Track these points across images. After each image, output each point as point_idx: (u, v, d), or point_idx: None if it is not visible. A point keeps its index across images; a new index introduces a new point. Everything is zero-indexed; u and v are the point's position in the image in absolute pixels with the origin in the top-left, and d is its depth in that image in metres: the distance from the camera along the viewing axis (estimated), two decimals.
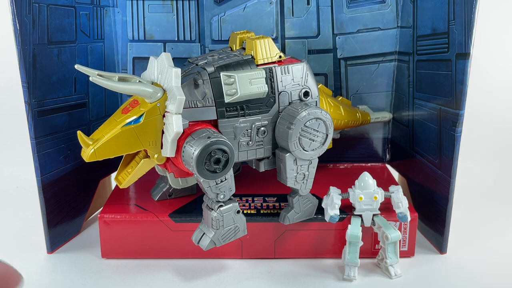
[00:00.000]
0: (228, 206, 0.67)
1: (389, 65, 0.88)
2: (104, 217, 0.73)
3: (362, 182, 0.72)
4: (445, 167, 0.74)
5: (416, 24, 0.81)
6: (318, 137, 0.68)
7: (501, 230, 0.84)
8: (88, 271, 0.72)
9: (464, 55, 0.69)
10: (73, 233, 0.81)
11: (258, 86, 0.66)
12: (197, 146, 0.61)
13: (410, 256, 0.76)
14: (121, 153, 0.65)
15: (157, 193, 0.78)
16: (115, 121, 0.64)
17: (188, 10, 0.86)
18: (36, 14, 0.69)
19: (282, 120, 0.68)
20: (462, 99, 0.69)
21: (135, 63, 0.88)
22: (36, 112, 0.71)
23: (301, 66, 0.70)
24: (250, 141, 0.69)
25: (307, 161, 0.70)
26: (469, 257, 0.75)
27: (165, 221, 0.73)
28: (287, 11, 0.87)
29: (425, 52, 0.79)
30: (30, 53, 0.69)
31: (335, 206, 0.70)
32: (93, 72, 0.61)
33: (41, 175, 0.72)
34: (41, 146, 0.72)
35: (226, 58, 0.69)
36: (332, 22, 0.87)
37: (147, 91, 0.63)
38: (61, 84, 0.75)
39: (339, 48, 0.88)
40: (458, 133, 0.71)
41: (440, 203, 0.76)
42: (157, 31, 0.87)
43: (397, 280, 0.70)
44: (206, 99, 0.66)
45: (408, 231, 0.74)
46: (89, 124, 0.83)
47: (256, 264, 0.74)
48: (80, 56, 0.79)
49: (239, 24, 0.86)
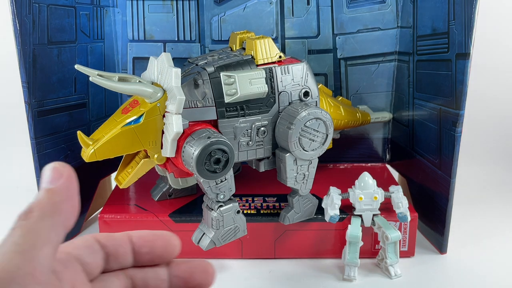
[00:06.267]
0: (228, 206, 0.67)
1: (389, 65, 0.88)
2: (104, 217, 0.73)
3: (362, 182, 0.72)
4: (445, 167, 0.74)
5: (416, 24, 0.81)
6: (318, 137, 0.68)
7: (501, 230, 0.84)
8: None
9: (464, 55, 0.69)
10: (73, 233, 0.81)
11: (258, 86, 0.66)
12: (197, 146, 0.61)
13: (410, 256, 0.76)
14: (121, 153, 0.65)
15: (157, 193, 0.78)
16: (115, 121, 0.64)
17: (188, 10, 0.86)
18: (36, 14, 0.69)
19: (282, 120, 0.68)
20: (462, 99, 0.69)
21: (135, 63, 0.88)
22: (36, 112, 0.71)
23: (301, 66, 0.70)
24: (250, 141, 0.69)
25: (307, 161, 0.70)
26: (469, 257, 0.76)
27: (165, 221, 0.73)
28: (287, 11, 0.87)
29: (425, 52, 0.79)
30: (30, 53, 0.69)
31: (335, 206, 0.70)
32: (93, 72, 0.61)
33: (41, 175, 0.72)
34: (41, 146, 0.72)
35: (226, 58, 0.69)
36: (332, 22, 0.87)
37: (147, 91, 0.63)
38: (61, 84, 0.75)
39: (339, 48, 0.88)
40: (458, 133, 0.71)
41: (440, 203, 0.76)
42: (157, 31, 0.87)
43: (397, 280, 0.70)
44: (206, 99, 0.66)
45: (408, 231, 0.74)
46: (89, 124, 0.83)
47: (256, 264, 0.74)
48: (80, 56, 0.79)
49: (239, 24, 0.86)
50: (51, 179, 0.32)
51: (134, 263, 0.37)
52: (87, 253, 0.35)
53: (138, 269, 0.37)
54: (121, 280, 0.36)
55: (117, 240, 0.37)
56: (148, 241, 0.37)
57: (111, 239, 0.37)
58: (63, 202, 0.31)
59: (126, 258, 0.37)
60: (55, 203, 0.31)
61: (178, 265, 0.38)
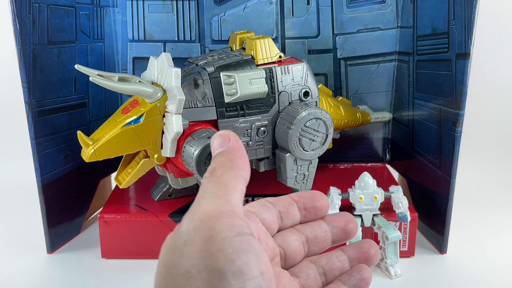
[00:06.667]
0: None
1: (389, 65, 0.88)
2: (104, 217, 0.73)
3: (362, 182, 0.72)
4: (445, 167, 0.74)
5: (416, 24, 0.81)
6: (318, 137, 0.68)
7: (501, 230, 0.84)
8: (88, 271, 0.72)
9: (464, 55, 0.69)
10: (73, 233, 0.81)
11: (258, 86, 0.66)
12: (197, 146, 0.61)
13: (410, 256, 0.76)
14: (121, 153, 0.65)
15: (157, 193, 0.78)
16: (115, 121, 0.64)
17: (188, 10, 0.86)
18: (36, 14, 0.69)
19: (282, 120, 0.68)
20: (462, 99, 0.69)
21: (135, 63, 0.88)
22: (36, 112, 0.71)
23: (301, 66, 0.70)
24: (250, 141, 0.69)
25: (307, 161, 0.70)
26: (469, 257, 0.75)
27: (165, 221, 0.73)
28: (287, 11, 0.87)
29: (425, 52, 0.79)
30: (30, 53, 0.69)
31: (335, 206, 0.70)
32: (93, 72, 0.61)
33: (41, 175, 0.72)
34: (41, 146, 0.72)
35: (226, 58, 0.69)
36: (332, 22, 0.87)
37: (147, 91, 0.63)
38: (61, 84, 0.75)
39: (339, 48, 0.88)
40: (458, 133, 0.71)
41: (440, 203, 0.76)
42: (157, 31, 0.87)
43: (397, 280, 0.70)
44: (206, 99, 0.66)
45: (408, 231, 0.74)
46: (89, 124, 0.83)
47: None
48: (80, 56, 0.79)
49: (239, 24, 0.86)
50: (221, 143, 0.37)
51: (301, 219, 0.42)
52: (263, 210, 0.40)
53: (305, 224, 0.42)
54: (296, 234, 0.41)
55: (284, 200, 0.42)
56: (307, 198, 0.42)
57: (278, 200, 0.42)
58: (237, 158, 0.36)
59: (295, 215, 0.41)
60: (231, 159, 0.36)
61: (331, 217, 0.43)
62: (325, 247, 0.42)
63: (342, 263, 0.42)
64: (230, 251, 0.31)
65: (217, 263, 0.30)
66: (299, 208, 0.42)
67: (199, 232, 0.31)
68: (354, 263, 0.42)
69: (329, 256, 0.42)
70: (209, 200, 0.34)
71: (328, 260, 0.42)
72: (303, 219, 0.42)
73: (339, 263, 0.41)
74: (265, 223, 0.40)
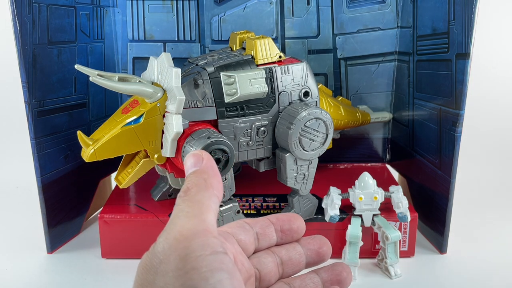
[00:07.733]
0: (228, 206, 0.67)
1: (389, 65, 0.88)
2: (104, 217, 0.73)
3: (362, 182, 0.72)
4: (445, 167, 0.74)
5: (416, 24, 0.81)
6: (318, 137, 0.68)
7: (501, 230, 0.84)
8: (88, 271, 0.72)
9: (464, 55, 0.69)
10: (73, 233, 0.81)
11: (258, 86, 0.66)
12: (197, 146, 0.61)
13: (410, 256, 0.76)
14: (121, 153, 0.65)
15: (157, 193, 0.78)
16: (115, 121, 0.64)
17: (188, 10, 0.86)
18: (36, 14, 0.69)
19: (282, 120, 0.68)
20: (462, 99, 0.69)
21: (135, 63, 0.88)
22: (36, 112, 0.71)
23: (301, 66, 0.70)
24: (250, 141, 0.69)
25: (307, 161, 0.70)
26: (469, 257, 0.76)
27: (165, 221, 0.73)
28: (287, 11, 0.87)
29: (425, 52, 0.79)
30: (30, 53, 0.69)
31: (335, 206, 0.70)
32: (93, 72, 0.61)
33: (41, 175, 0.72)
34: (41, 146, 0.72)
35: (226, 58, 0.69)
36: (332, 22, 0.87)
37: (147, 91, 0.63)
38: (61, 84, 0.75)
39: (339, 48, 0.88)
40: (458, 133, 0.71)
41: (440, 203, 0.76)
42: (157, 31, 0.87)
43: (397, 280, 0.70)
44: (206, 99, 0.66)
45: (408, 231, 0.74)
46: (89, 124, 0.83)
47: None
48: (80, 56, 0.79)
49: (239, 24, 0.86)
50: (195, 163, 0.38)
51: (278, 240, 0.43)
52: (240, 231, 0.41)
53: (281, 246, 0.43)
54: (271, 256, 0.42)
55: (262, 222, 0.43)
56: (285, 220, 0.43)
57: (256, 221, 0.43)
58: (211, 177, 0.38)
59: (272, 237, 0.42)
60: (205, 179, 0.37)
61: (306, 240, 0.44)
62: (299, 270, 0.43)
63: (315, 285, 0.42)
64: (204, 270, 0.31)
65: (191, 281, 0.31)
66: (276, 230, 0.43)
67: (174, 251, 0.32)
68: (327, 285, 0.42)
69: (303, 278, 0.43)
70: (184, 219, 0.34)
71: (302, 282, 0.42)
72: (280, 241, 0.43)
73: (312, 284, 0.42)
74: (241, 243, 0.40)
